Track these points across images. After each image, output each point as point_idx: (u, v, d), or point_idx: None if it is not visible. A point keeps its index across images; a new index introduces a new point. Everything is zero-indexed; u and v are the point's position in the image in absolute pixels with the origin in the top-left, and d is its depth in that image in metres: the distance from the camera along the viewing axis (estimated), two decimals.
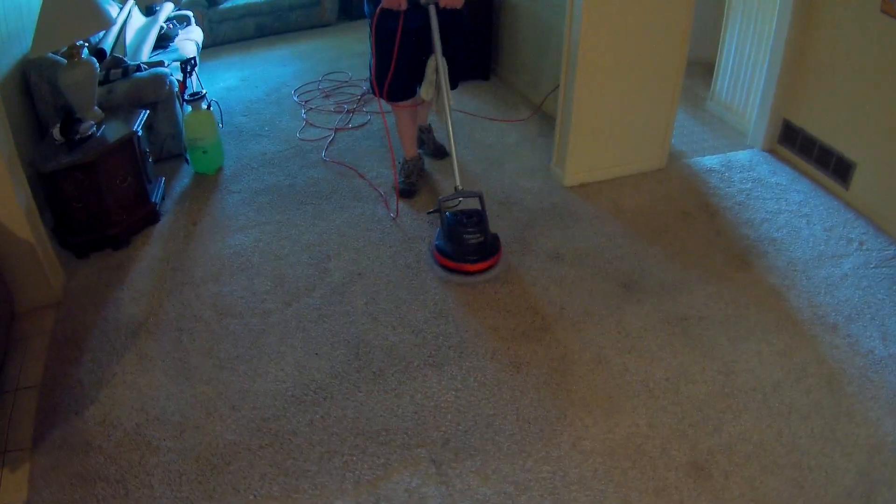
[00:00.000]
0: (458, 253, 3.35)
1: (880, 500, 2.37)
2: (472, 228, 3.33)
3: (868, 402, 2.74)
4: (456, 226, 3.36)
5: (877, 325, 3.11)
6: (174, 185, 4.32)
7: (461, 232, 3.33)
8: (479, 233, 3.34)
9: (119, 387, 2.80)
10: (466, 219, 3.36)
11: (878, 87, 3.64)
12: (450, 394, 2.77)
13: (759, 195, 4.08)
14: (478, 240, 3.34)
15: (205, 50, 6.44)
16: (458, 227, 3.34)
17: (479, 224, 3.35)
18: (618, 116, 4.04)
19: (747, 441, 2.58)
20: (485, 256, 3.37)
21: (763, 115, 4.45)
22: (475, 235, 3.33)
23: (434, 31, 3.52)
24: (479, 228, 3.35)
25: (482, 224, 3.37)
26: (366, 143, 4.76)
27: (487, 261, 3.38)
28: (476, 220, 3.36)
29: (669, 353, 2.98)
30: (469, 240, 3.33)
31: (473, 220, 3.35)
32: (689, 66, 4.08)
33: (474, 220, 3.36)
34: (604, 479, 2.43)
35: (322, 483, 2.41)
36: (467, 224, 3.34)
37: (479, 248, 3.36)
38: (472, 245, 3.34)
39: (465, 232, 3.33)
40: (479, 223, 3.36)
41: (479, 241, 3.35)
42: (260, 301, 3.29)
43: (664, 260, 3.55)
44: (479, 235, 3.34)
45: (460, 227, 3.34)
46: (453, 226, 3.37)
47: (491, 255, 3.39)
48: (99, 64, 3.97)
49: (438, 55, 3.58)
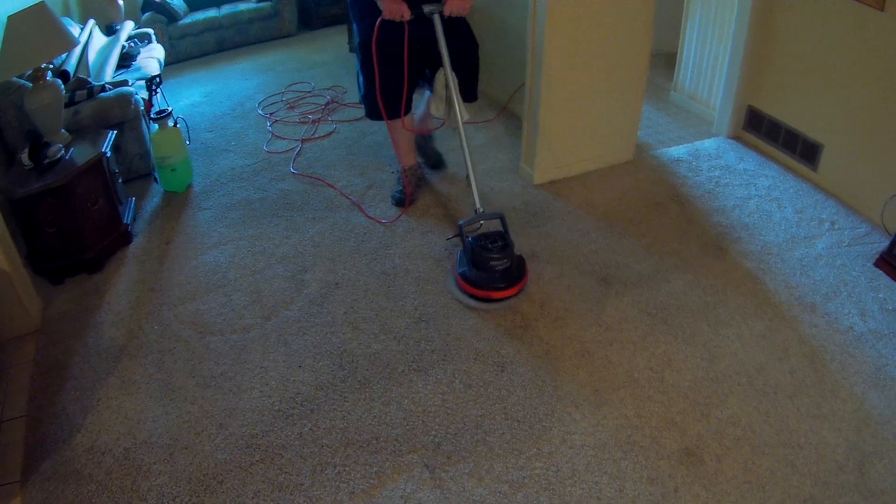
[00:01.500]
0: (485, 280, 3.18)
1: (873, 471, 2.41)
2: (498, 254, 3.17)
3: (851, 377, 2.78)
4: (481, 251, 3.18)
5: (854, 303, 3.16)
6: (145, 204, 4.26)
7: (487, 258, 3.16)
8: (505, 257, 3.18)
9: (105, 412, 2.76)
10: (491, 243, 3.20)
11: (841, 69, 3.68)
12: (437, 397, 2.76)
13: (728, 182, 4.11)
14: (505, 265, 3.18)
15: (167, 67, 6.35)
16: (483, 253, 3.17)
17: (504, 248, 3.19)
18: (585, 112, 4.05)
19: (736, 424, 2.60)
20: (512, 282, 3.20)
21: (727, 103, 4.49)
22: (502, 261, 3.17)
23: (441, 42, 3.37)
24: (506, 253, 3.18)
25: (508, 248, 3.20)
26: (334, 152, 4.72)
27: (516, 286, 3.21)
28: (501, 245, 3.20)
29: (652, 343, 2.99)
30: (496, 266, 3.17)
31: (499, 245, 3.20)
32: (652, 58, 4.10)
33: (499, 244, 3.20)
34: (597, 472, 2.44)
35: (317, 496, 2.39)
36: (492, 249, 3.18)
37: (507, 274, 3.19)
38: (499, 271, 3.18)
39: (492, 258, 3.16)
40: (505, 247, 3.20)
41: (506, 266, 3.19)
42: (239, 317, 3.25)
43: (639, 251, 3.57)
44: (505, 260, 3.18)
45: (485, 252, 3.17)
46: (478, 251, 3.19)
47: (518, 279, 3.22)
48: (64, 86, 3.91)
49: (447, 68, 3.43)
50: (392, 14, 3.31)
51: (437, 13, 3.34)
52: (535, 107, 3.95)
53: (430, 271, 3.49)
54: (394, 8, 3.30)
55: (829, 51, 3.74)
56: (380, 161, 4.56)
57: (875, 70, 3.49)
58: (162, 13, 6.67)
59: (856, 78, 3.61)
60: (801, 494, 2.34)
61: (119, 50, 5.29)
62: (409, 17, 3.33)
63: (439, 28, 3.35)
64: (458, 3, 3.39)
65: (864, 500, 2.32)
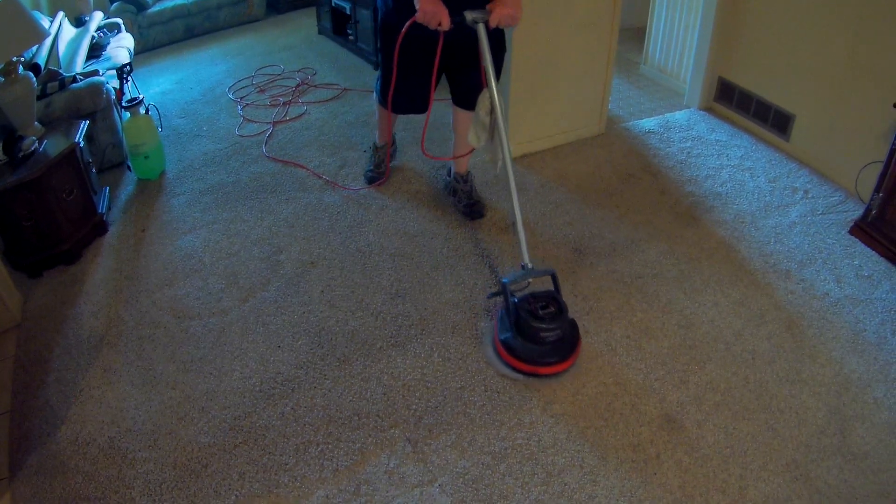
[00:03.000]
0: (533, 354, 2.67)
1: (854, 434, 2.43)
2: (549, 323, 2.66)
3: (830, 342, 2.80)
4: (528, 318, 2.67)
5: (829, 269, 3.18)
6: (119, 193, 4.21)
7: (536, 328, 2.66)
8: (557, 327, 2.67)
9: (87, 403, 2.72)
10: (542, 309, 2.70)
11: (810, 38, 3.70)
12: (416, 372, 2.75)
13: (699, 153, 4.13)
14: (557, 335, 2.68)
15: (137, 56, 6.27)
16: (532, 321, 2.66)
17: (556, 317, 2.68)
18: (554, 86, 4.03)
19: (715, 390, 2.61)
20: (565, 355, 2.69)
21: (698, 75, 4.50)
22: (553, 331, 2.66)
23: (486, 58, 2.85)
24: (558, 322, 2.67)
25: (562, 315, 2.69)
26: (305, 133, 4.69)
27: (568, 360, 2.71)
28: (554, 312, 2.69)
29: (628, 312, 3.00)
30: (547, 337, 2.66)
31: (550, 312, 2.69)
32: (620, 33, 4.09)
33: (550, 310, 2.70)
34: (579, 440, 2.44)
35: (301, 475, 2.38)
36: (542, 317, 2.67)
37: (558, 346, 2.69)
38: (549, 343, 2.68)
39: (541, 329, 2.65)
40: (558, 315, 2.69)
41: (558, 336, 2.69)
42: (216, 300, 3.22)
43: (613, 222, 3.57)
44: (557, 330, 2.67)
45: (535, 320, 2.66)
46: (524, 318, 2.68)
47: (572, 350, 2.71)
48: (35, 78, 3.87)
49: (493, 90, 2.89)
50: (427, 18, 2.76)
51: (481, 22, 2.82)
52: (506, 80, 3.88)
53: (404, 247, 3.47)
54: (430, 10, 2.74)
55: (799, 20, 3.74)
56: (351, 140, 4.53)
57: (844, 38, 3.50)
58: (131, 2, 6.55)
59: (825, 47, 3.62)
60: (783, 458, 2.35)
61: (89, 41, 5.23)
62: (447, 26, 2.79)
63: (484, 40, 2.82)
64: (507, 13, 2.84)
65: (846, 463, 2.33)
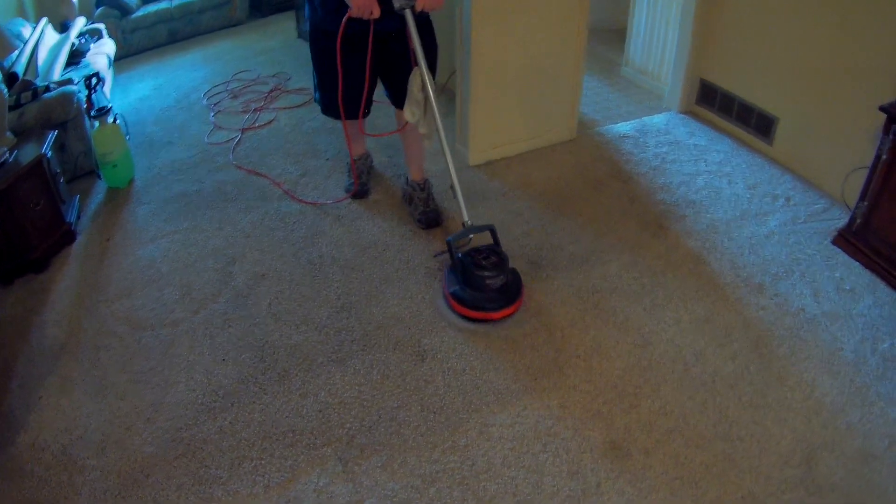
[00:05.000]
0: (480, 300, 2.92)
1: (822, 465, 2.27)
2: (492, 271, 2.92)
3: (801, 363, 2.64)
4: (473, 269, 2.93)
5: (807, 283, 3.02)
6: (89, 201, 4.20)
7: (480, 276, 2.92)
8: (500, 273, 2.93)
9: (45, 410, 2.75)
10: (484, 259, 2.96)
11: (795, 40, 3.57)
12: (353, 389, 2.68)
13: (675, 158, 3.98)
14: (500, 282, 2.93)
15: (119, 61, 6.29)
16: (477, 271, 2.92)
17: (498, 265, 2.95)
18: (520, 90, 3.91)
19: (668, 415, 2.47)
20: (510, 300, 2.94)
21: (678, 77, 4.37)
22: (497, 278, 2.93)
23: (415, 40, 3.08)
24: (500, 269, 2.94)
25: (502, 263, 2.96)
26: (271, 140, 4.62)
27: (514, 304, 2.95)
28: (495, 261, 2.96)
29: (581, 329, 2.86)
30: (491, 284, 2.92)
31: (492, 261, 2.95)
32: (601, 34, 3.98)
33: (492, 259, 2.96)
34: (514, 466, 2.34)
35: (234, 489, 2.36)
36: (486, 266, 2.93)
37: (503, 292, 2.94)
38: (495, 289, 2.93)
39: (486, 276, 2.91)
40: (499, 263, 2.95)
41: (502, 283, 2.94)
42: (169, 311, 3.19)
43: (575, 232, 3.44)
44: (500, 277, 2.93)
45: (478, 269, 2.92)
46: (470, 269, 2.94)
47: (516, 296, 2.96)
48: (11, 88, 3.95)
49: (423, 68, 3.14)
50: (361, 11, 3.01)
51: (408, 8, 3.04)
52: (466, 84, 3.82)
53: (356, 258, 3.38)
54: (363, 4, 3.01)
55: (781, 19, 3.62)
56: (315, 149, 4.46)
57: (829, 37, 3.37)
58: (115, 7, 6.57)
59: (809, 46, 3.50)
60: (739, 490, 2.21)
61: (69, 47, 5.24)
62: (377, 14, 3.03)
63: (412, 24, 3.05)
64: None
65: (810, 497, 2.19)
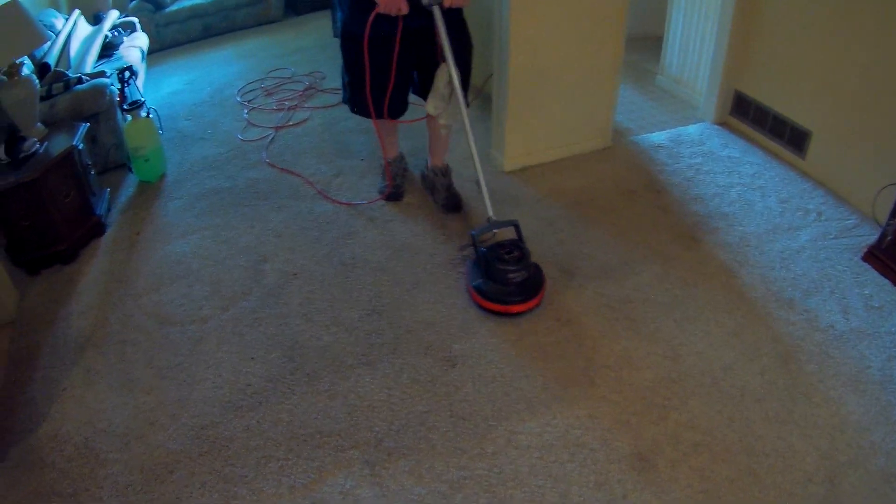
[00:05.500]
0: (501, 294, 2.98)
1: (846, 483, 2.25)
2: (514, 266, 2.98)
3: (829, 380, 2.62)
4: (496, 263, 2.99)
5: (837, 299, 2.99)
6: (120, 194, 4.24)
7: (503, 270, 2.98)
8: (522, 268, 2.99)
9: (68, 402, 2.77)
10: (506, 254, 3.01)
11: (830, 54, 3.54)
12: (383, 392, 2.68)
13: (709, 169, 3.96)
14: (522, 277, 2.99)
15: (152, 55, 6.33)
16: (499, 265, 2.98)
17: (521, 259, 3.00)
18: (555, 98, 3.90)
19: (695, 428, 2.46)
20: (531, 294, 3.00)
21: (713, 88, 4.34)
22: (519, 272, 2.98)
23: (442, 36, 3.10)
24: (522, 264, 2.99)
25: (524, 258, 3.02)
26: (305, 139, 4.63)
27: (534, 298, 3.00)
28: (517, 256, 3.01)
29: (612, 339, 2.86)
30: (513, 278, 2.98)
31: (514, 256, 3.00)
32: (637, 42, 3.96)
33: (515, 254, 3.01)
34: (541, 475, 2.33)
35: (259, 488, 2.36)
36: (508, 261, 2.99)
37: (524, 286, 3.00)
38: (516, 283, 2.99)
39: (508, 270, 2.97)
40: (521, 258, 3.01)
41: (524, 277, 3.00)
42: (198, 308, 3.21)
43: (607, 241, 3.44)
44: (522, 272, 2.99)
45: (500, 263, 2.98)
46: (493, 263, 3.00)
47: (537, 290, 3.02)
48: (43, 78, 3.95)
49: (451, 63, 3.16)
50: (388, 7, 3.04)
51: (436, 4, 3.05)
52: (503, 90, 3.82)
53: (387, 261, 3.39)
54: (390, 0, 3.04)
55: (818, 34, 3.58)
56: (349, 149, 4.46)
57: (864, 53, 3.34)
58: (149, 1, 6.60)
59: (846, 62, 3.46)
60: None
61: (101, 40, 5.26)
62: (406, 10, 3.05)
63: (440, 20, 3.07)
64: None
65: None
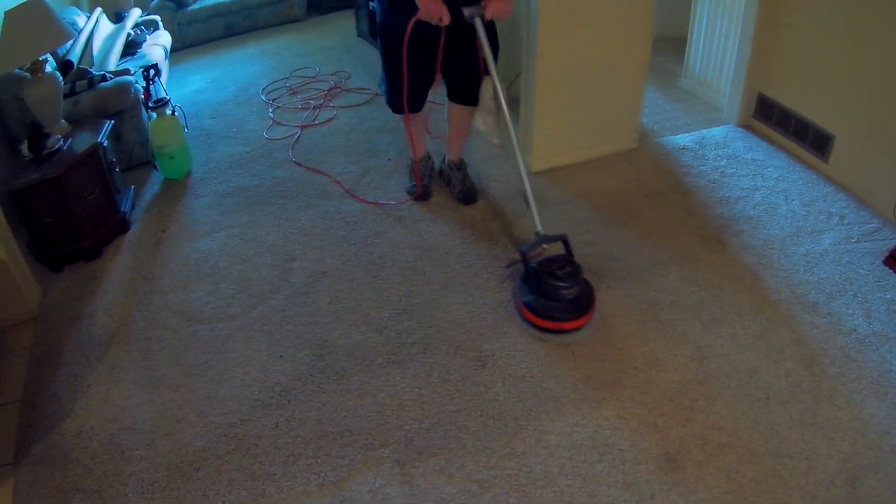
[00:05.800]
0: (553, 311, 2.91)
1: (866, 485, 2.27)
2: (567, 282, 2.90)
3: (851, 383, 2.63)
4: (547, 279, 2.91)
5: (859, 303, 3.00)
6: (144, 192, 4.28)
7: (555, 286, 2.90)
8: (574, 284, 2.92)
9: (93, 398, 2.80)
10: (559, 269, 2.93)
11: (854, 57, 3.53)
12: (413, 391, 2.70)
13: (733, 172, 3.97)
14: (575, 293, 2.92)
15: (174, 53, 6.37)
16: (551, 280, 2.90)
17: (573, 275, 2.93)
18: (582, 99, 3.92)
19: (722, 430, 2.48)
20: (583, 311, 2.93)
21: (737, 90, 4.35)
22: (571, 288, 2.91)
23: (485, 49, 3.12)
24: (575, 279, 2.92)
25: (576, 274, 2.94)
26: (332, 138, 4.66)
27: (587, 315, 2.94)
28: (570, 271, 2.93)
29: (640, 341, 2.88)
30: (566, 295, 2.90)
31: (567, 271, 2.93)
32: (661, 43, 3.97)
33: (567, 269, 2.94)
34: (570, 475, 2.35)
35: (287, 486, 2.38)
36: (560, 276, 2.91)
37: (577, 302, 2.93)
38: (569, 300, 2.91)
39: (560, 287, 2.89)
40: (574, 273, 2.93)
41: (576, 294, 2.92)
42: (225, 306, 3.24)
43: (635, 243, 3.45)
44: (575, 287, 2.91)
45: (552, 279, 2.90)
46: (544, 279, 2.92)
47: (589, 307, 2.96)
48: (66, 76, 3.98)
49: (494, 77, 3.19)
50: (429, 15, 3.01)
51: (478, 16, 3.06)
52: (530, 91, 3.84)
53: (416, 261, 3.41)
54: (432, 7, 3.01)
55: (841, 38, 3.58)
56: (375, 149, 4.49)
57: (888, 58, 3.33)
58: None
59: (868, 66, 3.46)
60: None
61: (124, 38, 5.30)
62: (447, 21, 3.03)
63: (482, 33, 3.09)
64: (500, 7, 3.11)
65: None
